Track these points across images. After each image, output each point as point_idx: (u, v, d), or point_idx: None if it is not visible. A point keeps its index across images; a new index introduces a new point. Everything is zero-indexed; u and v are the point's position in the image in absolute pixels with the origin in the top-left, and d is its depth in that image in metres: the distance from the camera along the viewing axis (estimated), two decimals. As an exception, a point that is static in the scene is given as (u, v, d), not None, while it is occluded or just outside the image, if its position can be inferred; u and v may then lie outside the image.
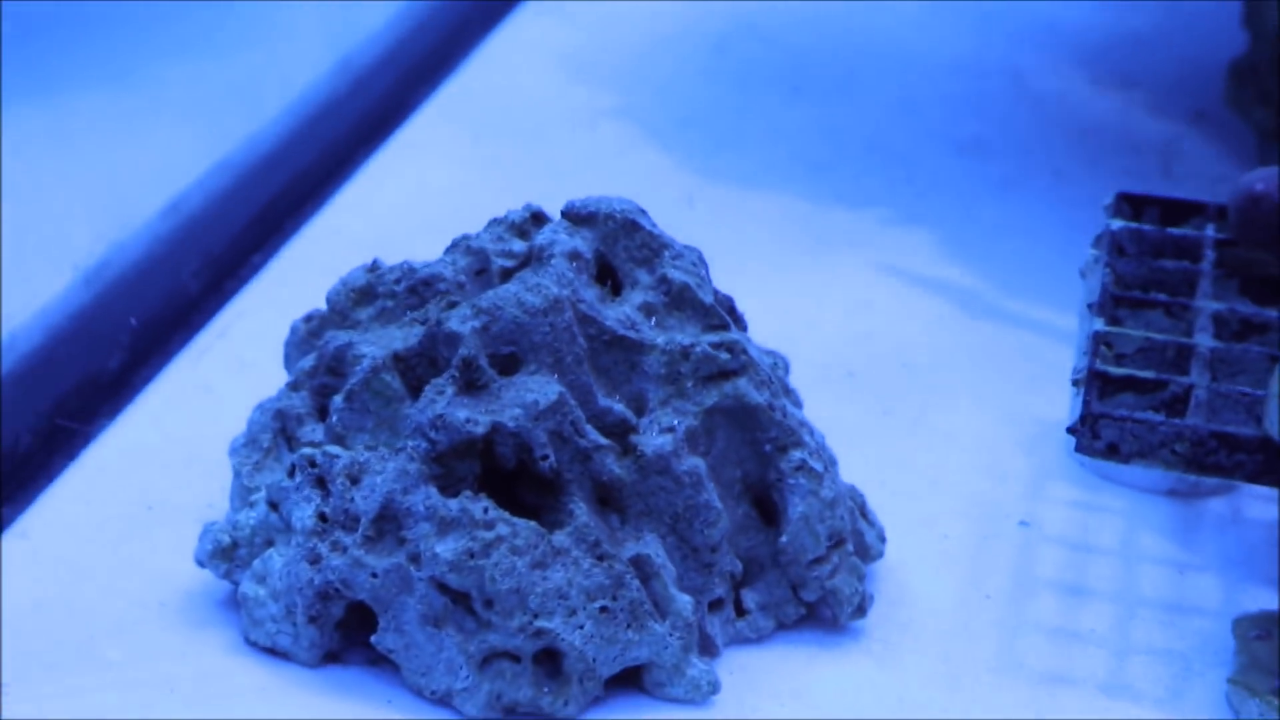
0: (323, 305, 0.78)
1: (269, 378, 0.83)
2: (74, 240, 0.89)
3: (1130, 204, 0.79)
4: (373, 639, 0.68)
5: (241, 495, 0.73)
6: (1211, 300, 0.73)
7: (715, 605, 0.70)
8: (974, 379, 0.87)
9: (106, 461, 0.80)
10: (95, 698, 0.67)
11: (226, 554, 0.71)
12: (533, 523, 0.67)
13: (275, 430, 0.73)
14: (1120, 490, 0.79)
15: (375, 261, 0.76)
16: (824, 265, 0.97)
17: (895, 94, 1.16)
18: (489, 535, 0.66)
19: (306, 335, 0.78)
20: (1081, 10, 1.27)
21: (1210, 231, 0.77)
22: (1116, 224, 0.77)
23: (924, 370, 0.88)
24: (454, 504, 0.67)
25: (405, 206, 1.01)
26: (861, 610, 0.71)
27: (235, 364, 0.87)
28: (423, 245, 0.78)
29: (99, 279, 0.88)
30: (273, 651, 0.70)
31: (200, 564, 0.72)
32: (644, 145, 1.09)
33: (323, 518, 0.69)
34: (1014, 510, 0.78)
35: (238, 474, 0.73)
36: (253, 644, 0.70)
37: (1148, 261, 0.76)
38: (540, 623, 0.66)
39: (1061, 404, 0.84)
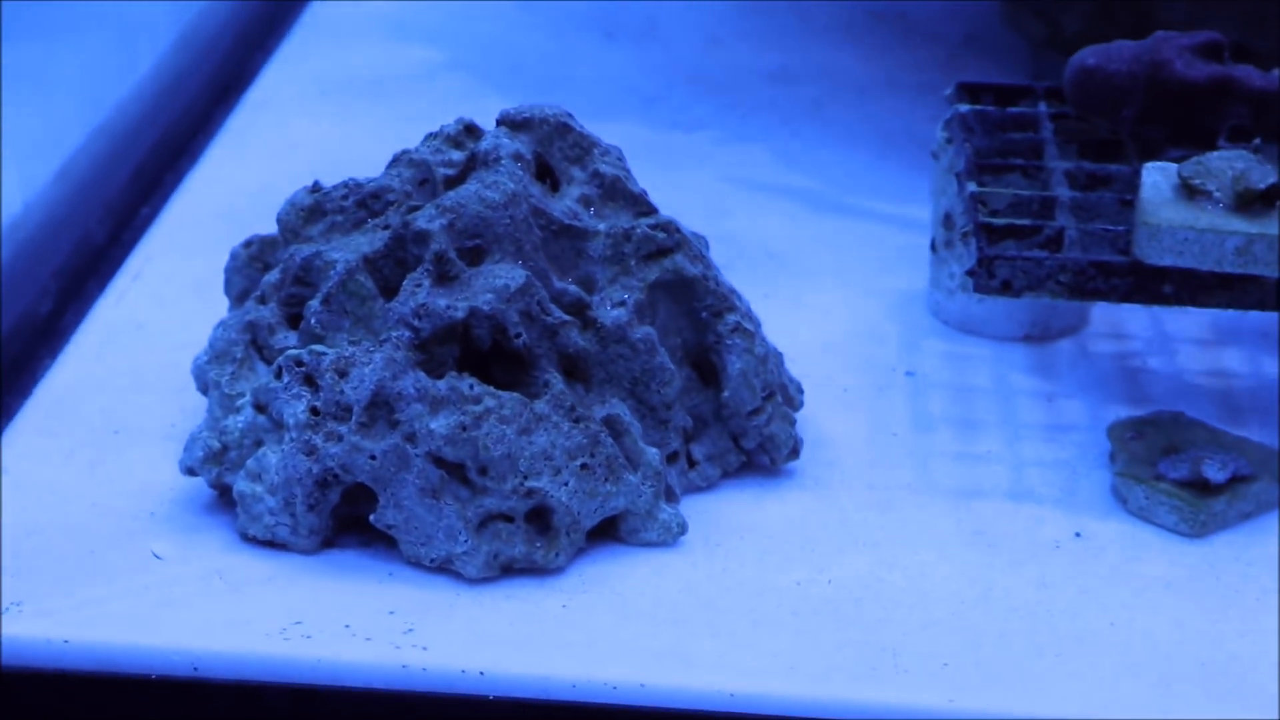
0: (229, 242, 0.84)
1: (192, 309, 0.89)
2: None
3: (969, 91, 0.91)
4: (372, 518, 0.74)
5: (223, 404, 0.78)
6: (1060, 161, 0.84)
7: (672, 458, 0.79)
8: (834, 263, 0.98)
9: (60, 396, 0.84)
10: (110, 605, 0.72)
11: (217, 458, 0.76)
12: (516, 394, 0.74)
13: (246, 342, 0.78)
14: (983, 341, 0.91)
15: (316, 182, 0.82)
16: (676, 181, 1.04)
17: (699, 34, 1.26)
18: (478, 408, 0.73)
19: (248, 259, 0.84)
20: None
21: (1043, 107, 0.89)
22: (963, 107, 0.88)
23: (789, 259, 0.98)
24: (442, 384, 0.74)
25: (275, 155, 1.07)
26: (795, 453, 0.81)
27: (156, 301, 0.92)
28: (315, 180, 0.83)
29: (13, 237, 0.92)
30: (271, 544, 0.75)
31: (189, 471, 0.77)
32: (482, 91, 1.16)
33: (315, 411, 0.74)
34: (898, 364, 0.89)
35: (217, 384, 0.78)
36: (250, 539, 0.75)
37: (998, 135, 0.87)
38: (530, 483, 0.74)
39: (914, 276, 0.95)
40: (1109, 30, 1.10)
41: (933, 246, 0.91)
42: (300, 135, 1.10)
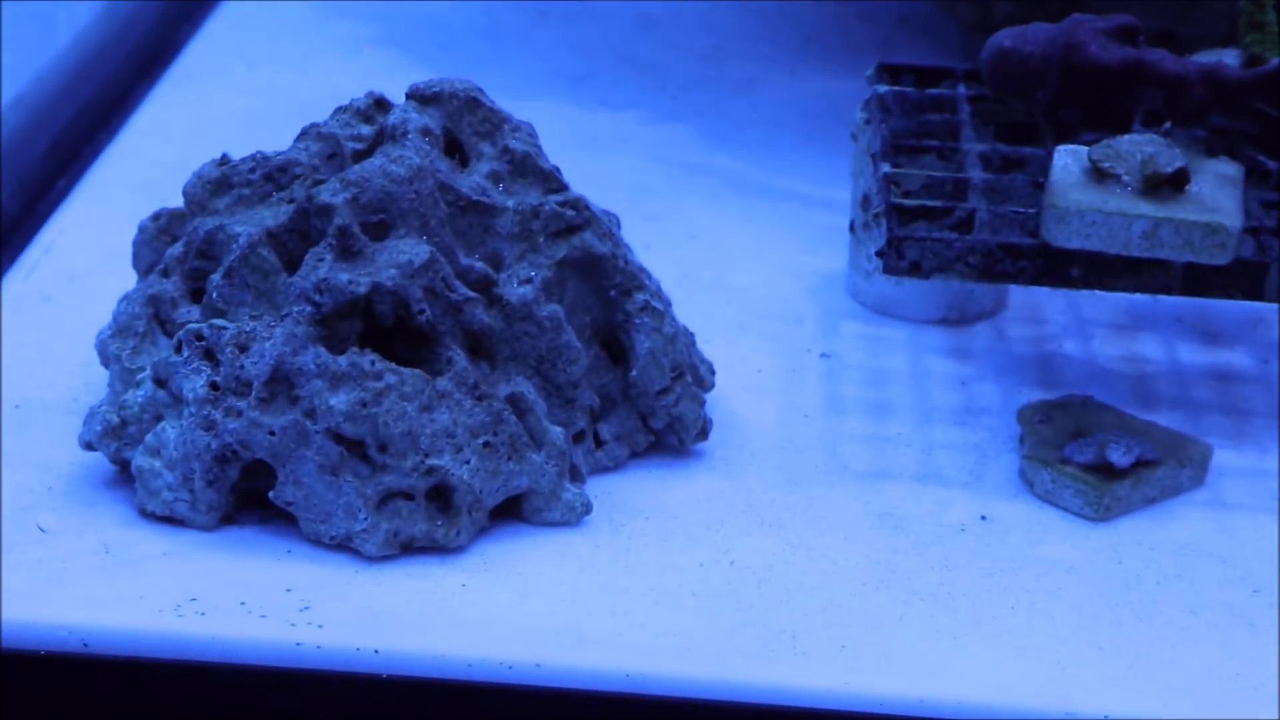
0: (144, 216, 0.83)
1: (102, 283, 0.88)
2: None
3: (889, 72, 0.90)
4: (271, 494, 0.74)
5: (123, 378, 0.77)
6: (975, 144, 0.84)
7: (578, 438, 0.78)
8: (755, 244, 0.97)
9: (-36, 369, 0.83)
10: (1, 580, 0.71)
11: (115, 433, 0.76)
12: (418, 370, 0.74)
13: (149, 315, 0.78)
14: (900, 324, 0.90)
15: (224, 155, 0.81)
16: (600, 160, 1.05)
17: (632, 13, 1.25)
18: (379, 385, 0.73)
19: (156, 233, 0.83)
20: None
21: (962, 90, 0.88)
22: (882, 88, 0.88)
23: (710, 239, 0.98)
24: (343, 360, 0.73)
25: (196, 129, 1.05)
26: (704, 433, 0.80)
27: (66, 275, 0.91)
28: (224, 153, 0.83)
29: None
30: (169, 520, 0.74)
31: (88, 446, 0.76)
32: (410, 68, 1.15)
33: (214, 386, 0.74)
34: (813, 345, 0.88)
35: (117, 358, 0.77)
36: (149, 515, 0.75)
37: (915, 117, 0.86)
38: (431, 460, 0.73)
39: (835, 258, 0.95)
40: (1038, 14, 1.10)
41: (851, 228, 0.91)
42: (224, 110, 1.09)
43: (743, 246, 0.97)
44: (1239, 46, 0.84)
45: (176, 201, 0.83)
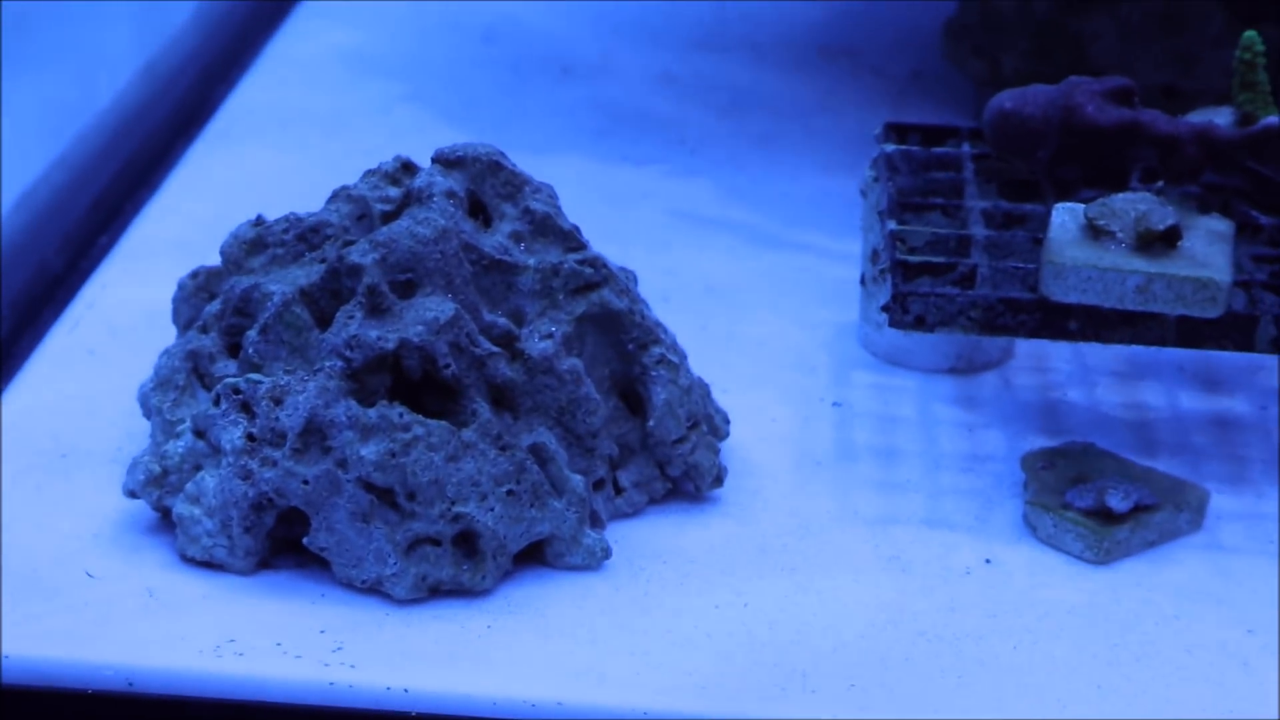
0: (183, 273, 0.87)
1: (143, 338, 0.92)
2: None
3: (896, 131, 0.94)
4: (305, 540, 0.77)
5: (165, 429, 0.81)
6: (979, 201, 0.87)
7: (598, 485, 0.81)
8: (770, 296, 1.01)
9: (13, 419, 0.87)
10: (49, 622, 0.74)
11: (158, 481, 0.79)
12: (444, 422, 0.77)
13: (189, 370, 0.81)
14: (910, 373, 0.94)
15: (259, 216, 0.85)
16: (622, 214, 1.09)
17: (653, 71, 1.29)
18: (407, 436, 0.76)
19: (195, 290, 0.87)
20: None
21: (967, 148, 0.92)
22: (889, 147, 0.92)
23: (727, 292, 1.01)
24: (373, 412, 0.77)
25: (232, 186, 1.09)
26: (719, 481, 0.83)
27: (109, 329, 0.95)
28: (259, 214, 0.86)
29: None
30: (209, 564, 0.78)
31: (131, 494, 0.80)
32: (438, 125, 1.19)
33: (251, 438, 0.77)
34: (826, 395, 0.92)
35: (159, 410, 0.81)
36: (189, 560, 0.78)
37: (921, 175, 0.90)
38: (457, 508, 0.76)
39: (848, 309, 0.98)
40: (1046, 69, 1.14)
41: (862, 281, 0.94)
42: (258, 167, 1.13)
43: (759, 299, 1.00)
44: (1233, 105, 0.88)
45: (214, 257, 0.87)
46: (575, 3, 1.39)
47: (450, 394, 0.78)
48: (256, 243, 0.84)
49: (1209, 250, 0.79)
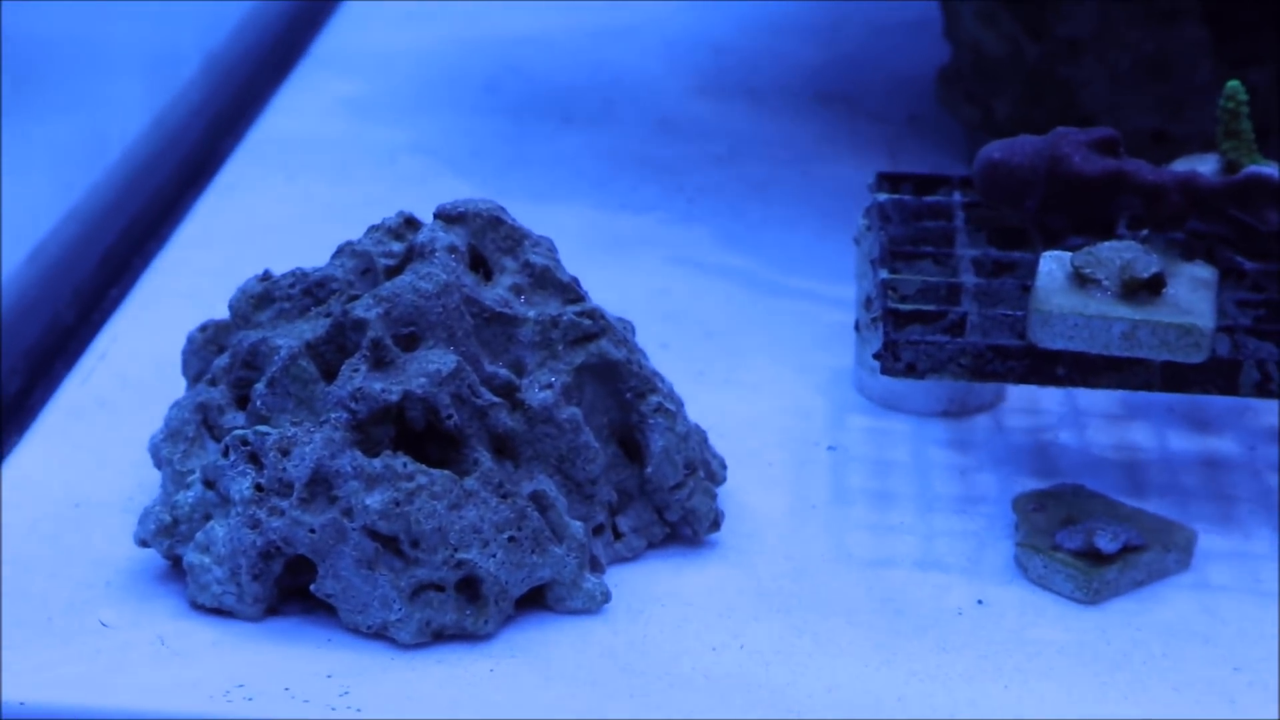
0: (192, 324, 0.89)
1: (154, 389, 0.94)
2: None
3: (889, 180, 0.96)
4: (312, 587, 0.79)
5: (175, 480, 0.83)
6: (969, 249, 0.89)
7: (598, 530, 0.83)
8: (767, 341, 1.03)
9: (27, 469, 0.89)
10: (64, 669, 0.76)
11: (168, 531, 0.81)
12: (447, 471, 0.79)
13: (198, 421, 0.83)
14: (903, 416, 0.95)
15: (266, 271, 0.88)
16: (622, 261, 1.11)
17: (652, 118, 1.32)
18: (410, 485, 0.78)
19: (204, 343, 0.89)
20: (797, 41, 1.45)
21: (958, 197, 0.94)
22: (882, 196, 0.94)
23: (724, 337, 1.03)
24: (377, 462, 0.79)
25: (240, 238, 1.12)
26: (716, 525, 0.85)
27: (120, 381, 0.97)
28: (266, 268, 0.89)
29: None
30: (219, 611, 0.80)
31: (143, 543, 0.82)
32: (441, 173, 1.22)
33: (259, 488, 0.79)
34: (821, 439, 0.94)
35: (169, 461, 0.83)
36: (199, 607, 0.80)
37: (912, 224, 0.92)
38: (460, 555, 0.78)
39: (843, 354, 1.00)
40: (1037, 115, 1.16)
41: (856, 327, 0.96)
42: (266, 219, 1.15)
43: (755, 344, 1.02)
44: (1217, 152, 0.90)
45: (223, 307, 0.89)
46: (576, 52, 1.41)
47: (453, 443, 0.80)
48: (264, 297, 0.86)
49: (1193, 297, 0.81)
